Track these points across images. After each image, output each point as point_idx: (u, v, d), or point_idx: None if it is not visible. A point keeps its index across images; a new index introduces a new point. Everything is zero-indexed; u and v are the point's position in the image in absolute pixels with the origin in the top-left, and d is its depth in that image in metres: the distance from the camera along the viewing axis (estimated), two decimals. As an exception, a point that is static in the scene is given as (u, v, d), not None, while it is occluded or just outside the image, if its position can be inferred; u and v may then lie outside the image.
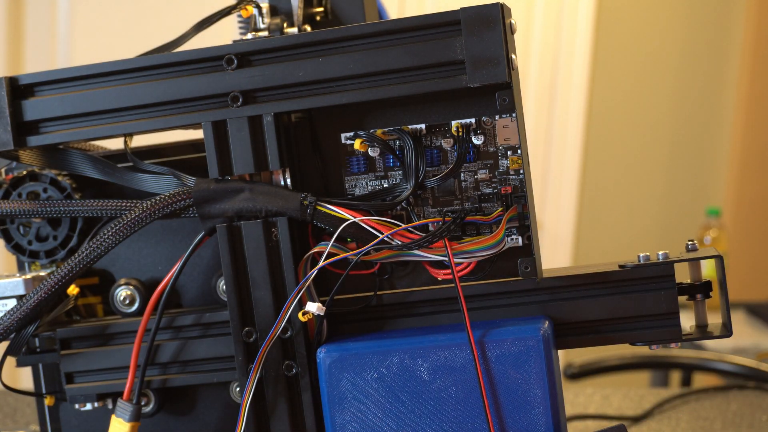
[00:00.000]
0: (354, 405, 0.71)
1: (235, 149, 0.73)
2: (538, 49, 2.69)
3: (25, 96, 0.76)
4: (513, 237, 0.75)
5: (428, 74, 0.71)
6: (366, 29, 0.72)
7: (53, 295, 0.76)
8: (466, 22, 0.69)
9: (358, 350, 0.71)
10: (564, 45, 2.71)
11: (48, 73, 0.76)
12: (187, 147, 0.82)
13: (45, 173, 0.82)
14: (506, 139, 0.74)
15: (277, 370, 0.74)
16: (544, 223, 2.70)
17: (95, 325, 0.81)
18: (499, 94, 0.72)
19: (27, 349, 0.83)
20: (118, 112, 0.75)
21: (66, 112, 0.76)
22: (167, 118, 0.75)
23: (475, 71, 0.69)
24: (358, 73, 0.71)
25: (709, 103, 2.91)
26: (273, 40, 0.73)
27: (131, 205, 0.77)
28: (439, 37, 0.70)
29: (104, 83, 0.75)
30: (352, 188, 0.77)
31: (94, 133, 0.76)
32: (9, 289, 0.80)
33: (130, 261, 0.84)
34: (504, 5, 0.70)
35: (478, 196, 0.75)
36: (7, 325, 0.77)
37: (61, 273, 0.76)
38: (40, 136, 0.76)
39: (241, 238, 0.74)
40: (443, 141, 0.75)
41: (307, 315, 0.72)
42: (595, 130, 2.81)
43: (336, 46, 0.72)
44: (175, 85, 0.74)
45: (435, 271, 0.75)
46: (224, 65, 0.73)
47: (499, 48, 0.69)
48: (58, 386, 0.84)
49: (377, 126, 0.75)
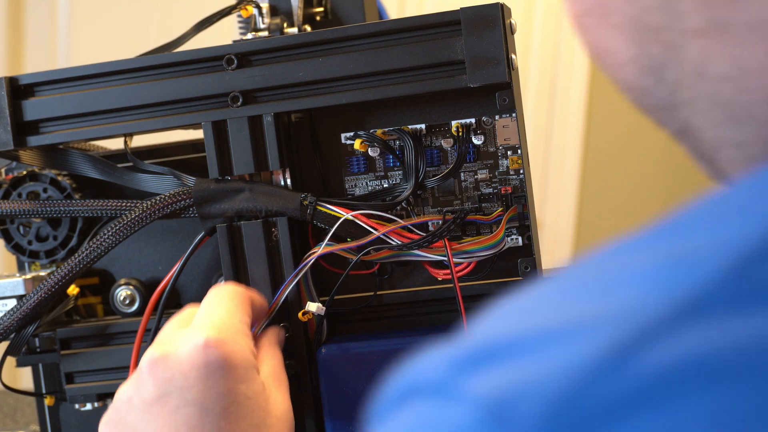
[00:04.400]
0: (354, 405, 0.71)
1: (235, 149, 0.73)
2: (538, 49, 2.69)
3: (25, 96, 0.76)
4: (513, 237, 0.75)
5: (428, 74, 0.71)
6: (366, 29, 0.72)
7: (53, 295, 0.77)
8: (466, 22, 0.69)
9: (358, 350, 0.71)
10: (564, 45, 2.71)
11: (48, 73, 0.76)
12: (187, 147, 0.82)
13: (45, 173, 0.82)
14: (506, 139, 0.74)
15: (277, 370, 0.74)
16: (544, 222, 2.71)
17: (95, 325, 0.81)
18: (499, 94, 0.72)
19: (27, 349, 0.83)
20: (118, 112, 0.75)
21: (66, 112, 0.76)
22: (167, 118, 0.75)
23: (475, 71, 0.69)
24: (358, 73, 0.71)
25: (709, 103, 2.91)
26: (273, 40, 0.73)
27: (131, 205, 0.77)
28: (439, 37, 0.70)
29: (104, 83, 0.75)
30: (352, 188, 0.77)
31: (94, 133, 0.76)
32: (9, 289, 0.80)
33: (130, 261, 0.84)
34: (504, 5, 0.70)
35: (478, 196, 0.75)
36: (7, 324, 0.77)
37: (61, 273, 0.76)
38: (40, 136, 0.76)
39: (241, 238, 0.74)
40: (443, 141, 0.75)
41: (307, 315, 0.72)
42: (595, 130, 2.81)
43: (336, 46, 0.72)
44: (175, 85, 0.74)
45: (435, 271, 0.75)
46: (224, 65, 0.73)
47: (499, 48, 0.69)
48: (58, 386, 0.84)
49: (377, 126, 0.75)
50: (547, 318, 0.31)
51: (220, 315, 0.64)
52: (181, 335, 0.63)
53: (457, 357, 0.31)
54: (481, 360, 0.30)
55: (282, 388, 0.66)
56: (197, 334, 0.62)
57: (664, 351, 0.28)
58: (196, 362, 0.61)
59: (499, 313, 0.33)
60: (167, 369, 0.61)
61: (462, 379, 0.30)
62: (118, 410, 0.63)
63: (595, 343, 0.29)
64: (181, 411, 0.60)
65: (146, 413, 0.61)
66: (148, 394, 0.62)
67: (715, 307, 0.29)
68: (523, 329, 0.31)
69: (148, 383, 0.62)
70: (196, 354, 0.61)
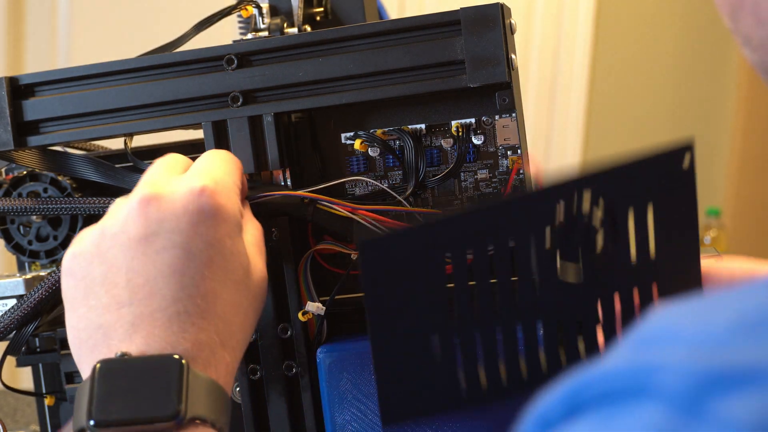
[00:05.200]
0: (354, 405, 0.71)
1: (235, 149, 0.73)
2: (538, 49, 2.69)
3: (25, 96, 0.76)
4: (513, 237, 0.74)
5: (428, 74, 0.71)
6: (366, 29, 0.72)
7: (53, 294, 0.76)
8: (466, 22, 0.69)
9: (358, 350, 0.71)
10: (564, 45, 2.71)
11: (48, 73, 0.76)
12: (187, 147, 0.82)
13: (45, 173, 0.82)
14: (506, 139, 0.74)
15: (277, 370, 0.74)
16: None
17: (95, 325, 0.81)
18: (499, 94, 0.72)
19: (27, 348, 0.83)
20: (118, 112, 0.75)
21: (66, 112, 0.76)
22: (167, 118, 0.75)
23: (475, 71, 0.69)
24: (358, 73, 0.71)
25: (709, 104, 2.91)
26: (273, 40, 0.73)
27: (131, 204, 0.77)
28: (439, 37, 0.70)
29: (104, 83, 0.75)
30: (352, 188, 0.77)
31: (94, 133, 0.76)
32: (9, 289, 0.80)
33: (130, 261, 0.84)
34: (504, 5, 0.70)
35: (478, 196, 0.75)
36: (7, 323, 0.77)
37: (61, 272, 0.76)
38: (40, 136, 0.76)
39: (241, 238, 0.74)
40: (443, 141, 0.75)
41: (307, 315, 0.72)
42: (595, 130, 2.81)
43: (336, 46, 0.72)
44: (175, 85, 0.74)
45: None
46: (224, 65, 0.73)
47: (499, 48, 0.69)
48: (58, 386, 0.84)
49: (377, 126, 0.75)
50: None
51: (218, 171, 0.65)
52: (178, 179, 0.63)
53: (701, 373, 0.28)
54: (734, 382, 0.28)
55: (261, 257, 0.66)
56: (195, 180, 0.62)
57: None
58: (190, 207, 0.61)
59: (733, 329, 0.30)
60: (160, 210, 0.61)
61: (711, 401, 0.28)
62: (98, 244, 0.62)
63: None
64: (167, 252, 0.60)
65: (130, 249, 0.61)
66: (135, 231, 0.61)
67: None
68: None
69: (137, 220, 0.61)
70: (191, 198, 0.61)
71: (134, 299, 0.60)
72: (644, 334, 0.31)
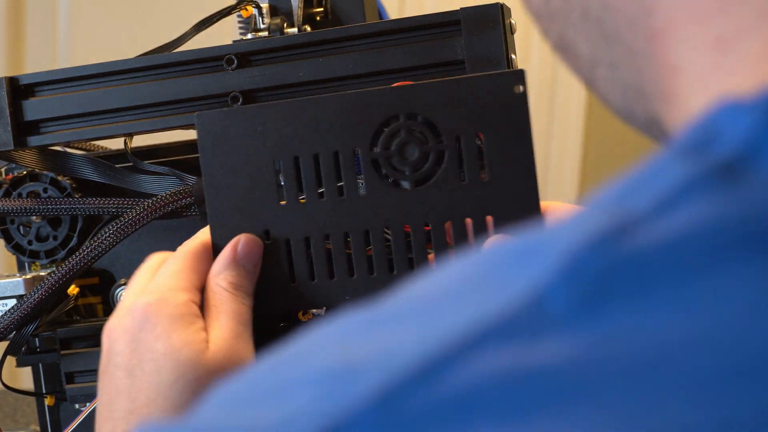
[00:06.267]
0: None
1: (235, 149, 0.73)
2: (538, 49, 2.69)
3: (25, 96, 0.76)
4: (513, 237, 0.74)
5: (428, 74, 0.71)
6: (366, 29, 0.72)
7: (53, 294, 0.76)
8: (466, 22, 0.69)
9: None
10: (564, 45, 2.71)
11: (49, 73, 0.76)
12: (187, 147, 0.82)
13: (45, 173, 0.82)
14: (506, 139, 0.74)
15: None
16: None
17: (95, 325, 0.81)
18: (499, 94, 0.72)
19: (27, 349, 0.83)
20: (118, 112, 0.75)
21: (66, 113, 0.76)
22: (167, 118, 0.75)
23: (475, 71, 0.69)
24: (358, 73, 0.71)
25: (709, 103, 2.91)
26: (273, 40, 0.73)
27: (132, 203, 0.77)
28: (439, 37, 0.70)
29: (104, 83, 0.75)
30: (352, 188, 0.77)
31: (95, 133, 0.76)
32: (9, 289, 0.80)
33: (130, 261, 0.84)
34: (504, 5, 0.70)
35: (478, 196, 0.75)
36: (7, 323, 0.77)
37: (61, 272, 0.76)
38: (40, 136, 0.76)
39: (241, 238, 0.74)
40: (443, 141, 0.75)
41: (307, 315, 0.72)
42: (595, 130, 2.81)
43: (336, 46, 0.72)
44: (175, 85, 0.74)
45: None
46: (224, 65, 0.73)
47: (499, 48, 0.69)
48: (58, 386, 0.84)
49: (377, 126, 0.75)
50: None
51: (159, 279, 0.64)
52: (122, 300, 0.64)
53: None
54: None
55: (240, 342, 0.62)
56: (129, 299, 0.63)
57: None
58: (125, 326, 0.61)
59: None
60: (108, 339, 0.62)
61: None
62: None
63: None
64: (114, 377, 0.61)
65: (99, 382, 0.63)
66: (101, 365, 0.63)
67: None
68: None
69: (102, 354, 0.63)
70: (125, 319, 0.62)
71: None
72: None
